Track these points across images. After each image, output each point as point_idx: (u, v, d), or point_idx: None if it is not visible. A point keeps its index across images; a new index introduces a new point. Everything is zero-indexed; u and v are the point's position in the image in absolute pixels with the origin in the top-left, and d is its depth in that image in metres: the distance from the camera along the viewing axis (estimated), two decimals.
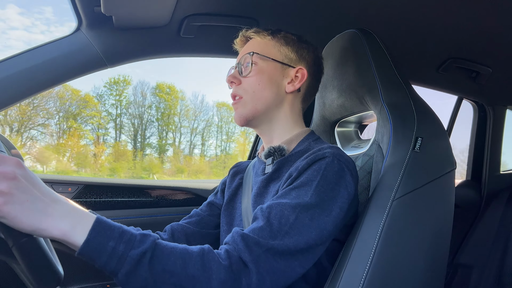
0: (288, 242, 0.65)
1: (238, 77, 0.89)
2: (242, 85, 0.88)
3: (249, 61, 0.88)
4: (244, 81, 0.88)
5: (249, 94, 0.87)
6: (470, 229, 1.99)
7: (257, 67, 0.87)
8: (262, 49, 0.89)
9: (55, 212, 0.55)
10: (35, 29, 8.86)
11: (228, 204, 0.97)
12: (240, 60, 0.90)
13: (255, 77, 0.87)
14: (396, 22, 1.29)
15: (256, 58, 0.88)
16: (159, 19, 1.12)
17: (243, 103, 0.87)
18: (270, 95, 0.87)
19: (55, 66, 1.05)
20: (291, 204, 0.68)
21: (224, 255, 0.63)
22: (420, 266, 0.76)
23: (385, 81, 0.92)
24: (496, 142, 2.03)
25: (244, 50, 0.92)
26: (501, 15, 1.22)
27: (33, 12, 9.56)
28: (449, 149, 0.86)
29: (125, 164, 7.51)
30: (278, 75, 0.88)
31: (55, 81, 1.06)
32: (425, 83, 1.74)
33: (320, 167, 0.73)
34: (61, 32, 10.14)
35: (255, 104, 0.87)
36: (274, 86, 0.88)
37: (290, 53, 0.90)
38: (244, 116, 0.87)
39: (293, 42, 0.91)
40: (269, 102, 0.87)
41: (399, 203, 0.76)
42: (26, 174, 0.54)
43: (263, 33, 0.91)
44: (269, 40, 0.90)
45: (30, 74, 1.01)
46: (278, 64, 0.88)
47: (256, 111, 0.87)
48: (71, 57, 1.07)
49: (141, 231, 0.61)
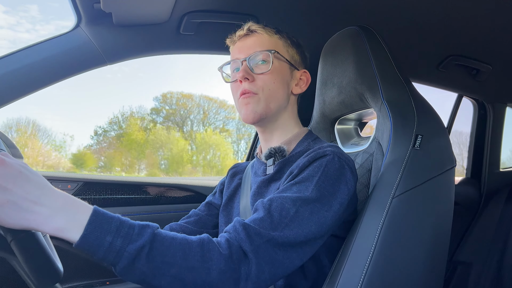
0: (288, 234, 0.66)
1: (252, 73, 0.85)
2: (256, 82, 0.85)
3: (266, 58, 0.85)
4: (259, 78, 0.85)
5: (265, 92, 0.85)
6: (470, 227, 1.99)
7: (273, 65, 0.85)
8: (277, 48, 0.88)
9: (44, 209, 0.54)
10: (20, 27, 8.85)
11: (227, 204, 0.97)
12: (251, 55, 0.86)
13: (271, 75, 0.85)
14: (396, 20, 1.28)
15: (273, 57, 0.86)
16: (159, 16, 1.11)
17: (257, 99, 0.85)
18: (282, 95, 0.87)
19: (55, 63, 1.04)
20: (292, 198, 0.69)
21: (225, 245, 0.63)
22: (419, 263, 0.76)
23: (385, 79, 0.92)
24: (496, 140, 2.03)
25: (251, 44, 0.88)
26: (501, 13, 1.22)
27: (18, 10, 9.51)
28: (449, 147, 0.86)
29: None
30: (288, 76, 0.89)
31: (55, 78, 1.06)
32: (425, 81, 1.74)
33: (321, 164, 0.74)
34: (47, 30, 10.11)
35: (269, 103, 0.85)
36: (285, 87, 0.88)
37: (295, 55, 0.91)
38: (259, 113, 0.85)
39: (295, 44, 0.92)
40: (281, 102, 0.88)
41: (399, 200, 0.76)
42: (6, 173, 0.53)
43: (270, 30, 0.89)
44: (277, 39, 0.89)
45: (29, 71, 1.01)
46: (287, 65, 0.89)
47: (269, 110, 0.86)
48: (71, 54, 1.06)
49: (140, 222, 0.60)
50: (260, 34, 0.88)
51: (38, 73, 1.02)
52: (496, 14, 1.24)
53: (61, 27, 1.13)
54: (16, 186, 0.53)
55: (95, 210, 0.57)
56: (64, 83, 1.09)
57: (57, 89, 1.17)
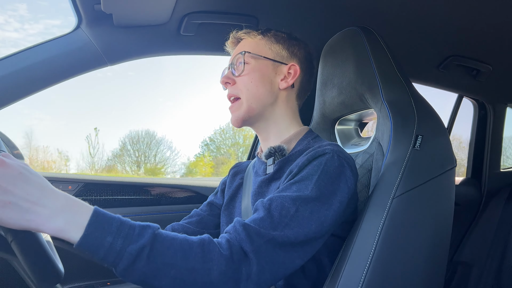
0: (288, 233, 0.66)
1: (232, 77, 0.91)
2: (236, 85, 0.90)
3: (241, 60, 0.89)
4: (238, 80, 0.90)
5: (244, 93, 0.88)
6: (470, 227, 1.99)
7: (249, 66, 0.89)
8: (253, 48, 0.90)
9: (45, 210, 0.54)
10: (9, 26, 8.84)
11: (229, 204, 0.98)
12: (233, 60, 0.92)
13: (248, 75, 0.88)
14: (396, 20, 1.28)
15: (248, 57, 0.89)
16: (159, 17, 1.11)
17: (238, 105, 0.89)
18: (263, 92, 0.88)
19: (55, 64, 1.05)
20: (292, 197, 0.69)
21: (225, 245, 0.63)
22: (420, 264, 0.76)
23: (385, 79, 0.92)
24: (496, 140, 2.03)
25: (236, 50, 0.94)
26: (502, 13, 1.22)
27: (7, 9, 9.51)
28: (449, 147, 0.86)
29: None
30: (270, 72, 0.90)
31: (55, 79, 1.06)
32: (426, 81, 1.74)
33: (321, 163, 0.74)
34: (36, 29, 10.10)
35: (250, 103, 0.88)
36: (267, 84, 0.89)
37: (281, 51, 0.92)
38: (241, 117, 0.89)
39: (284, 39, 0.93)
40: (263, 99, 0.88)
41: (399, 201, 0.76)
42: (7, 174, 0.53)
43: (253, 33, 0.93)
44: (259, 40, 0.92)
45: (30, 72, 1.01)
46: (269, 61, 0.90)
47: (251, 110, 0.88)
48: (71, 55, 1.06)
49: (140, 223, 0.60)
50: (244, 39, 0.94)
51: (39, 74, 1.03)
52: (497, 15, 1.24)
53: (50, 26, 1.12)
54: (16, 187, 0.53)
55: (96, 211, 0.57)
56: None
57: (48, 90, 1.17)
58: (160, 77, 14.28)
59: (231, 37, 0.97)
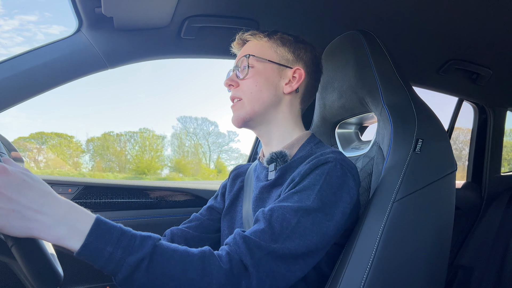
0: (289, 245, 0.65)
1: (236, 79, 0.89)
2: (240, 88, 0.88)
3: (246, 63, 0.88)
4: (242, 83, 0.88)
5: (247, 95, 0.87)
6: (471, 231, 1.98)
7: (253, 69, 0.87)
8: (258, 51, 0.89)
9: (47, 218, 0.54)
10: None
11: (230, 208, 0.96)
12: (237, 63, 0.90)
13: (252, 79, 0.87)
14: (396, 24, 1.29)
15: (252, 60, 0.88)
16: (160, 20, 1.12)
17: (241, 105, 0.88)
18: (267, 96, 0.87)
19: (56, 67, 1.05)
20: (293, 208, 0.68)
21: (226, 258, 0.62)
22: (420, 268, 0.76)
23: (385, 83, 0.92)
24: (497, 144, 2.03)
25: (241, 53, 0.93)
26: (501, 17, 1.22)
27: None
28: (449, 151, 0.86)
29: None
30: (275, 76, 0.88)
31: (56, 82, 1.06)
32: (426, 85, 1.74)
33: (323, 172, 0.73)
34: (27, 30, 10.14)
35: (253, 106, 0.86)
36: (271, 87, 0.87)
37: (287, 54, 0.90)
38: (241, 117, 0.87)
39: (290, 42, 0.91)
40: (267, 103, 0.87)
41: (399, 205, 0.76)
42: (10, 183, 0.53)
43: (259, 35, 0.91)
44: (265, 42, 0.90)
45: (30, 75, 1.01)
46: (274, 65, 0.88)
47: (253, 112, 0.87)
48: (72, 58, 1.07)
49: (142, 233, 0.60)
50: (250, 41, 0.92)
51: (39, 77, 1.03)
52: (496, 19, 1.24)
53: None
54: (20, 195, 0.53)
55: (97, 220, 0.57)
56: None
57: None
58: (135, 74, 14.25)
59: (237, 38, 0.95)
